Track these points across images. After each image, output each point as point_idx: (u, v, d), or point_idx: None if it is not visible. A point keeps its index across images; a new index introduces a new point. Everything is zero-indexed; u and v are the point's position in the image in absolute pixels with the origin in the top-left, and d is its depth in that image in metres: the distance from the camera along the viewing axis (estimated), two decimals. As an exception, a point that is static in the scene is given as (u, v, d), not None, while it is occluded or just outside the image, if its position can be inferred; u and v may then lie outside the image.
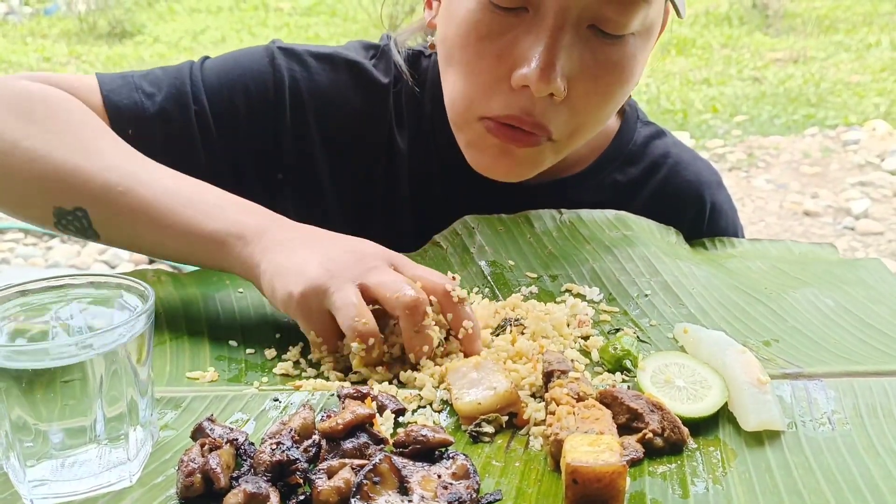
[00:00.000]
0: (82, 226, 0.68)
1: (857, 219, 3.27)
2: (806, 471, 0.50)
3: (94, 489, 0.48)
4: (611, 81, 0.70)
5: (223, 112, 0.79)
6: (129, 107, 0.76)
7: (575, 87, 0.69)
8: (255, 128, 0.81)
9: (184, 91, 0.78)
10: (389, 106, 0.85)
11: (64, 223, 0.68)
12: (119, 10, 6.99)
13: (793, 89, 5.01)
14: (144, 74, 0.79)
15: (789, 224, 3.26)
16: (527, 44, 0.67)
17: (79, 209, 0.67)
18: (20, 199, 0.69)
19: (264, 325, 0.69)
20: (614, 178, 0.88)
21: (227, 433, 0.51)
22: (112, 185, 0.65)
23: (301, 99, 0.82)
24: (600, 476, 0.44)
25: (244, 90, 0.80)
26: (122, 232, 0.68)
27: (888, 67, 5.36)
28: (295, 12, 7.71)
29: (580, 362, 0.62)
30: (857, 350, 0.64)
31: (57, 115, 0.69)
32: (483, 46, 0.69)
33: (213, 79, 0.80)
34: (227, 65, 0.82)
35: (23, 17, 7.43)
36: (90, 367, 0.46)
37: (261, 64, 0.82)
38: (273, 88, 0.81)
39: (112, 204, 0.66)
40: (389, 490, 0.45)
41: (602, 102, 0.72)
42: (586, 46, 0.68)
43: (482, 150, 0.75)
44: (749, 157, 3.96)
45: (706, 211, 0.90)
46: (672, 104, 4.79)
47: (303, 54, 0.84)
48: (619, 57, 0.69)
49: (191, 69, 0.80)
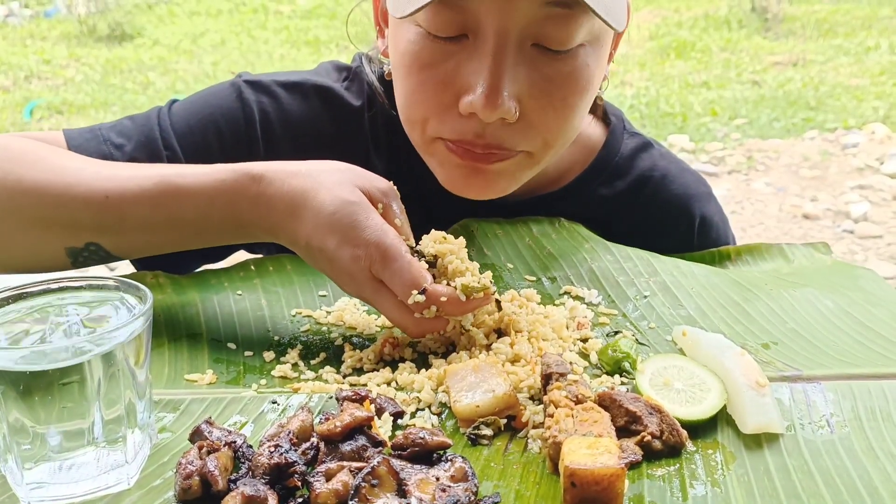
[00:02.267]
0: (101, 257, 0.68)
1: (857, 222, 3.28)
2: (804, 474, 0.50)
3: (91, 492, 0.47)
4: (566, 94, 0.69)
5: (196, 154, 0.78)
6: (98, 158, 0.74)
7: (528, 105, 0.68)
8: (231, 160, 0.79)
9: (153, 137, 0.77)
10: (365, 129, 0.84)
11: (81, 260, 0.68)
12: (119, 13, 7.00)
13: (792, 93, 5.01)
14: (112, 126, 0.78)
15: (788, 227, 3.26)
16: (469, 70, 0.66)
17: (91, 244, 0.67)
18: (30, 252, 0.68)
19: (262, 328, 0.69)
20: (600, 193, 0.86)
21: (225, 436, 0.51)
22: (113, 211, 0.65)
23: (273, 131, 0.81)
24: (599, 479, 0.44)
25: (215, 129, 0.79)
26: (139, 244, 0.68)
27: (887, 71, 5.37)
28: (295, 15, 7.72)
29: (579, 365, 0.62)
30: (855, 353, 0.64)
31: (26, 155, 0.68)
32: (426, 75, 0.68)
33: (182, 122, 0.79)
34: (195, 105, 0.81)
35: (23, 20, 7.44)
36: (88, 369, 0.46)
37: (229, 101, 0.81)
38: (244, 124, 0.80)
39: (121, 229, 0.66)
40: (387, 493, 0.45)
41: (563, 115, 0.70)
42: (532, 65, 0.67)
43: (450, 170, 0.74)
44: (748, 161, 3.97)
45: (696, 224, 0.88)
46: (671, 107, 4.79)
47: (270, 85, 0.83)
48: (571, 69, 0.68)
49: (158, 115, 0.80)
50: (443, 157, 0.73)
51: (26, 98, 5.12)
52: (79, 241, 0.67)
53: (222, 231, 0.67)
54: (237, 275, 0.76)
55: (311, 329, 0.69)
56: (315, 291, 0.74)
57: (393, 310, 0.62)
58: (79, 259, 0.68)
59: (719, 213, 0.92)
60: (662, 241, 0.84)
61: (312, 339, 0.67)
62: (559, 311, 0.69)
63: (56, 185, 0.65)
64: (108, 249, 0.67)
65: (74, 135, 0.76)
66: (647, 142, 0.90)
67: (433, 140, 0.72)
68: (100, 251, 0.67)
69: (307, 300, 0.73)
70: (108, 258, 0.68)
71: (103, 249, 0.67)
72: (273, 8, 7.97)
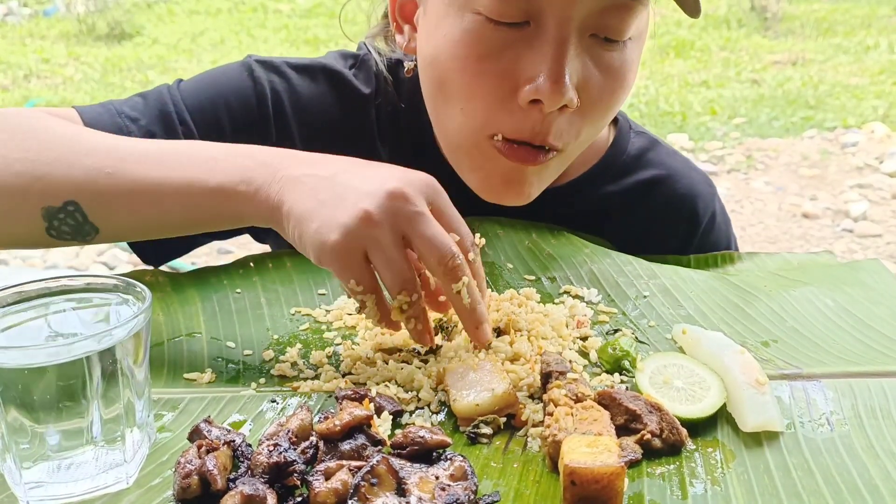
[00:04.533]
0: (77, 222, 0.63)
1: (856, 221, 3.28)
2: (804, 472, 0.50)
3: (90, 491, 0.47)
4: (615, 87, 0.69)
5: (210, 130, 0.77)
6: (113, 132, 0.72)
7: (583, 97, 0.67)
8: (242, 141, 0.79)
9: (167, 111, 0.76)
10: (371, 117, 0.83)
11: (56, 224, 0.63)
12: (118, 12, 6.99)
13: (791, 92, 5.01)
14: (124, 102, 0.77)
15: (788, 226, 3.26)
16: (530, 58, 0.65)
17: (69, 203, 0.62)
18: (4, 215, 0.64)
19: (262, 327, 0.69)
20: (608, 190, 0.87)
21: (224, 435, 0.51)
22: (98, 168, 0.62)
23: (284, 111, 0.80)
24: (598, 477, 0.44)
25: (227, 107, 0.78)
26: (121, 216, 0.64)
27: (886, 70, 5.37)
28: (294, 14, 7.71)
29: (578, 363, 0.62)
30: (855, 351, 0.63)
31: (31, 123, 0.65)
32: (484, 66, 0.66)
33: (194, 98, 0.77)
34: (205, 83, 0.79)
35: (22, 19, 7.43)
36: (87, 368, 0.46)
37: (240, 79, 0.80)
38: (256, 102, 0.79)
39: (103, 187, 0.62)
40: (387, 491, 0.45)
41: (607, 108, 0.71)
42: (589, 55, 0.67)
43: (490, 172, 0.72)
44: (748, 160, 3.97)
45: (700, 224, 0.88)
46: (671, 106, 4.79)
47: (281, 66, 0.82)
48: (620, 63, 0.69)
49: (169, 91, 0.78)
50: (487, 160, 0.71)
51: (25, 97, 5.12)
52: (57, 199, 0.62)
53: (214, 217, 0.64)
54: (236, 273, 0.76)
55: (311, 328, 0.69)
56: (314, 290, 0.74)
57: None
58: (53, 223, 0.63)
59: (723, 214, 0.92)
60: (666, 239, 0.85)
61: (312, 338, 0.67)
62: (559, 310, 0.69)
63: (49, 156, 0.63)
64: (85, 212, 0.63)
65: (87, 109, 0.74)
66: (654, 140, 0.91)
67: (486, 139, 0.70)
68: (77, 213, 0.63)
69: (306, 299, 0.73)
70: (82, 227, 0.63)
71: (81, 211, 0.63)
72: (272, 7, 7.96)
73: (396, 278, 0.57)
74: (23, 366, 0.44)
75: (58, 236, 0.64)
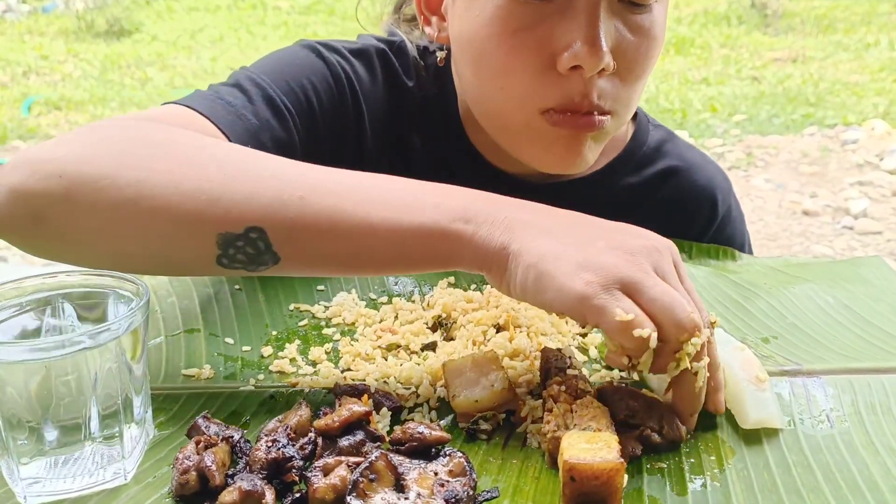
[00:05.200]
0: (257, 250, 0.54)
1: (856, 218, 3.28)
2: (804, 468, 0.49)
3: (88, 487, 0.47)
4: (648, 47, 0.71)
5: (303, 112, 0.76)
6: (235, 122, 0.68)
7: (619, 60, 0.69)
8: (329, 123, 0.78)
9: (269, 95, 0.73)
10: (408, 104, 0.84)
11: (232, 253, 0.55)
12: (117, 8, 6.98)
13: (791, 89, 5.01)
14: (216, 90, 0.72)
15: (788, 223, 3.26)
16: (565, 27, 0.66)
17: (252, 230, 0.54)
18: (170, 243, 0.55)
19: (260, 323, 0.68)
20: (629, 181, 0.88)
21: (222, 431, 0.51)
22: (287, 193, 0.54)
23: (356, 92, 0.80)
24: (598, 473, 0.44)
25: (312, 88, 0.77)
26: (310, 248, 0.55)
27: (887, 67, 5.37)
28: (293, 11, 7.70)
29: (578, 359, 0.62)
30: (856, 347, 0.63)
31: (179, 139, 0.58)
32: (519, 39, 0.67)
33: (281, 82, 0.75)
34: (280, 66, 0.77)
35: (20, 15, 7.42)
36: (84, 363, 0.45)
37: (311, 60, 0.79)
38: (333, 83, 0.79)
39: (293, 214, 0.54)
40: (386, 487, 0.45)
41: (643, 70, 0.72)
42: (620, 19, 0.68)
43: (549, 145, 0.72)
44: (748, 157, 3.97)
45: (717, 216, 0.89)
46: (671, 103, 4.79)
47: (340, 48, 0.81)
48: (650, 24, 0.70)
49: (250, 78, 0.73)
50: (540, 133, 0.71)
51: (24, 94, 5.11)
52: (238, 225, 0.54)
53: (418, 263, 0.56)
54: (235, 270, 0.76)
55: (309, 324, 0.69)
56: (313, 286, 0.74)
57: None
58: (228, 251, 0.55)
59: (738, 209, 0.93)
60: (685, 230, 0.85)
61: (310, 334, 0.67)
62: (558, 306, 0.69)
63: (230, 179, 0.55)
64: (269, 240, 0.54)
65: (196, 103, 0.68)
66: (672, 133, 0.92)
67: (537, 115, 0.70)
68: (259, 241, 0.54)
69: (305, 295, 0.73)
70: (261, 256, 0.55)
71: (265, 239, 0.54)
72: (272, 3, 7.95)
73: (682, 312, 0.48)
74: (20, 361, 0.44)
75: (228, 265, 0.56)
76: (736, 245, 0.89)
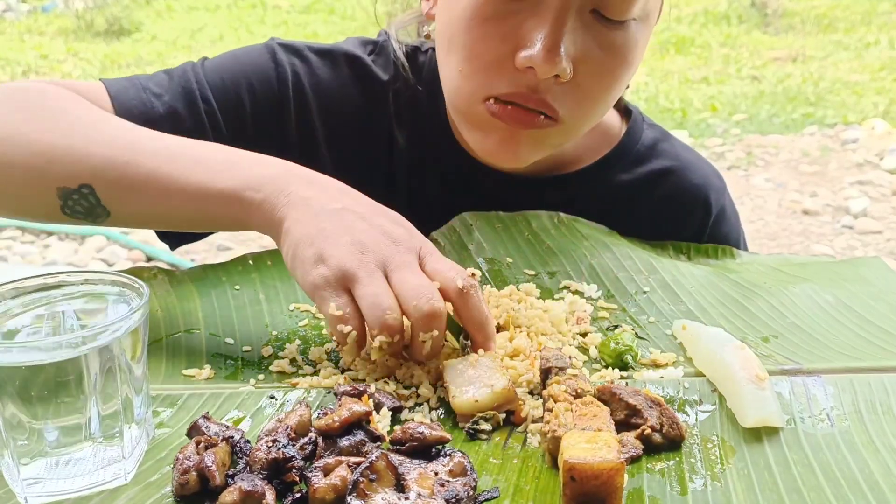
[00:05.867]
0: (90, 204, 0.65)
1: (856, 217, 3.27)
2: (805, 467, 0.49)
3: (88, 487, 0.47)
4: (615, 65, 0.71)
5: (231, 110, 0.79)
6: (138, 107, 0.74)
7: (580, 70, 0.69)
8: (262, 124, 0.80)
9: (190, 89, 0.77)
10: (389, 103, 0.85)
11: (70, 204, 0.65)
12: (116, 8, 6.98)
13: (791, 88, 5.01)
14: (149, 77, 0.79)
15: (788, 223, 3.26)
16: (531, 26, 0.68)
17: (84, 186, 0.64)
18: (21, 189, 0.66)
19: (260, 323, 0.68)
20: (621, 178, 0.88)
21: (222, 431, 0.51)
22: (115, 157, 0.63)
23: (304, 94, 0.82)
24: (598, 473, 0.44)
25: (249, 87, 0.80)
26: (131, 205, 0.65)
27: (887, 66, 5.37)
28: (293, 10, 7.70)
29: (578, 359, 0.62)
30: (856, 346, 0.63)
31: (55, 104, 0.67)
32: (487, 29, 0.69)
33: (217, 77, 0.79)
34: (228, 63, 0.81)
35: (20, 15, 7.42)
36: (85, 364, 0.45)
37: (262, 60, 0.81)
38: (277, 84, 0.81)
39: (118, 176, 0.63)
40: (386, 487, 0.45)
41: (607, 86, 0.72)
42: (588, 31, 0.69)
43: (487, 134, 0.74)
44: (748, 156, 3.96)
45: (711, 215, 0.90)
46: (671, 103, 4.79)
47: (303, 49, 0.83)
48: (622, 42, 0.70)
49: (193, 69, 0.80)
50: (482, 120, 0.73)
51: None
52: (73, 181, 0.64)
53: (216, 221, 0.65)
54: (235, 270, 0.76)
55: (310, 324, 0.68)
56: (313, 286, 0.74)
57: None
58: (68, 202, 0.65)
59: (733, 208, 0.94)
60: (679, 229, 0.85)
61: (311, 334, 0.67)
62: (558, 306, 0.69)
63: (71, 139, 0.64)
64: (98, 197, 0.65)
65: (113, 83, 0.76)
66: (667, 133, 0.93)
67: (482, 101, 0.72)
68: (91, 196, 0.64)
69: (305, 295, 0.73)
70: (94, 209, 0.65)
71: (94, 195, 0.64)
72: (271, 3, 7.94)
73: (376, 314, 0.56)
74: (20, 362, 0.44)
75: (72, 214, 0.66)
76: (731, 243, 0.89)
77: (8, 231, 3.12)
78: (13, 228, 3.13)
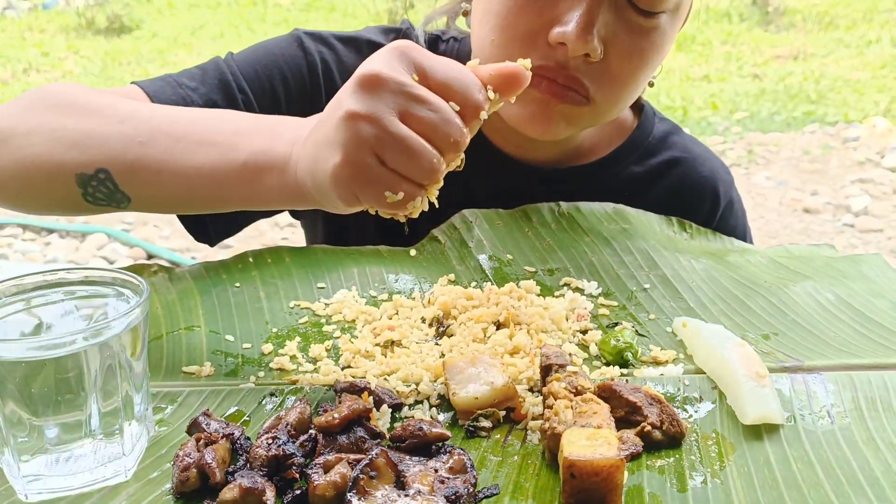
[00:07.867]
0: (108, 189, 0.63)
1: (857, 216, 3.27)
2: (805, 464, 0.49)
3: (88, 484, 0.47)
4: (644, 50, 0.73)
5: (266, 98, 0.80)
6: (177, 102, 0.74)
7: (609, 52, 0.72)
8: (296, 112, 0.79)
9: (227, 80, 0.78)
10: None
11: (90, 191, 0.64)
12: (117, 5, 6.97)
13: (793, 86, 5.00)
14: (179, 74, 0.79)
15: (789, 221, 3.26)
16: (568, 5, 0.70)
17: (101, 171, 0.63)
18: (46, 181, 0.65)
19: (261, 320, 0.68)
20: (632, 169, 0.90)
21: (223, 428, 0.51)
22: (131, 137, 0.62)
23: (334, 81, 0.83)
24: (598, 470, 0.44)
25: (281, 76, 0.81)
26: (149, 186, 0.63)
27: (888, 64, 5.36)
28: (294, 7, 7.69)
29: (578, 356, 0.62)
30: (856, 343, 0.63)
31: (76, 97, 0.67)
32: (525, 3, 0.71)
33: (250, 69, 0.80)
34: (258, 54, 0.82)
35: (21, 12, 7.42)
36: (85, 361, 0.45)
37: (291, 49, 0.83)
38: (308, 72, 0.82)
39: (132, 158, 0.62)
40: (386, 484, 0.45)
41: (636, 70, 0.74)
42: (621, 17, 0.71)
43: (521, 104, 0.73)
44: (749, 154, 3.96)
45: (720, 207, 0.92)
46: (672, 101, 4.78)
47: (328, 38, 0.85)
48: (652, 31, 0.73)
49: (225, 62, 0.81)
50: None
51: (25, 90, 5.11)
52: (89, 167, 0.63)
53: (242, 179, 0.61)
54: (235, 267, 0.76)
55: (310, 321, 0.69)
56: (313, 283, 0.74)
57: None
58: (88, 189, 0.64)
59: (740, 203, 0.96)
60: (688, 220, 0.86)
61: (311, 331, 0.67)
62: (558, 303, 0.69)
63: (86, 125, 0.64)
64: (115, 181, 0.63)
65: (147, 83, 0.76)
66: (677, 126, 0.95)
67: None
68: (108, 181, 0.63)
69: (305, 292, 0.73)
70: (114, 195, 0.64)
71: (112, 180, 0.63)
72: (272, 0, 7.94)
73: (420, 160, 0.50)
74: (20, 359, 0.44)
75: (94, 202, 0.65)
76: (738, 237, 0.89)
77: (9, 229, 3.13)
78: (14, 226, 3.14)
